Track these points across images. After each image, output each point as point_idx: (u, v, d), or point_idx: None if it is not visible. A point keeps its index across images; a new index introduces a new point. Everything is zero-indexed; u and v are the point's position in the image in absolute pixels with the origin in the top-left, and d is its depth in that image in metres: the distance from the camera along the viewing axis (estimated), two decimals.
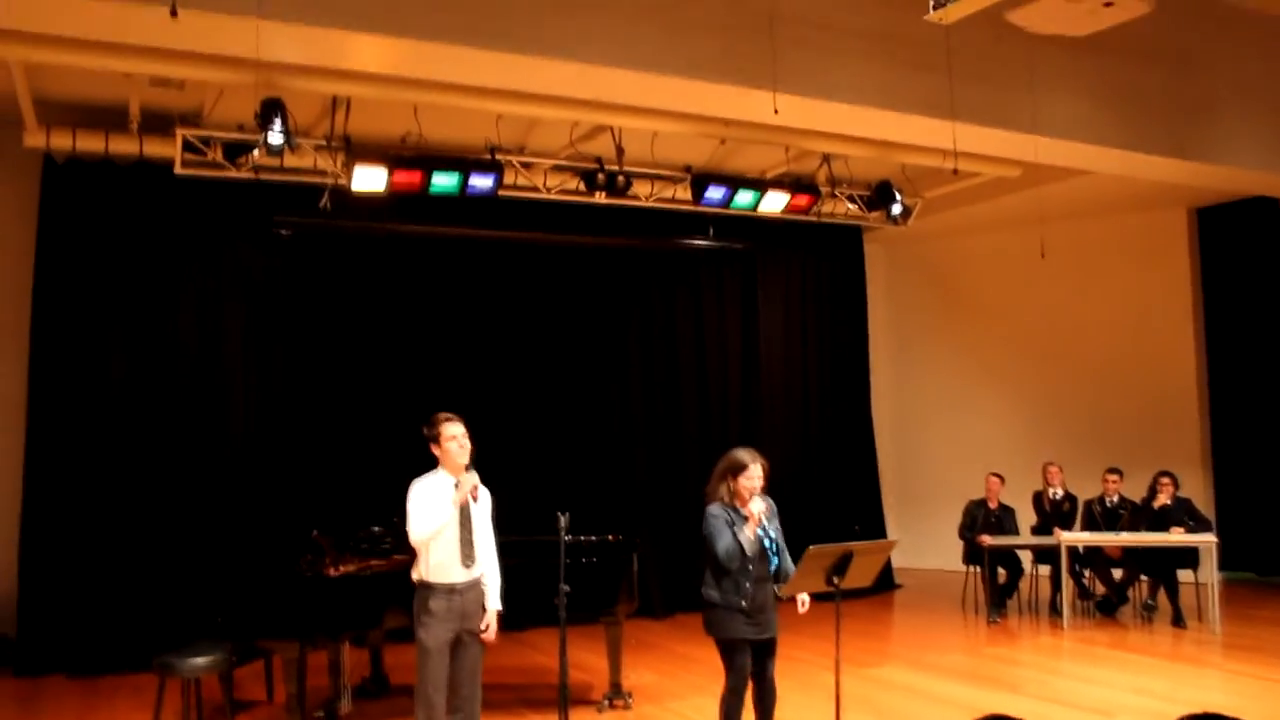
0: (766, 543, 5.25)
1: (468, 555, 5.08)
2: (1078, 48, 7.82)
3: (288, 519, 8.57)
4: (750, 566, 5.18)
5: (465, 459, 5.14)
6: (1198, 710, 1.90)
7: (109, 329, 8.59)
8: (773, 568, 5.26)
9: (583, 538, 7.32)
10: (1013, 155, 8.95)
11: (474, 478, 5.12)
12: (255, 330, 9.17)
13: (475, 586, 5.16)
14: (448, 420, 5.18)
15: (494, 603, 5.29)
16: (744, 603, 5.14)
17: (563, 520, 4.86)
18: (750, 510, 5.21)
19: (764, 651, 5.30)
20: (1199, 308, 11.78)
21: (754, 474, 5.25)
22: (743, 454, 5.32)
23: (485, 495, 5.32)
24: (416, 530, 5.03)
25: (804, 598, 5.34)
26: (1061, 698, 7.01)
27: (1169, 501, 9.49)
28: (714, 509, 5.28)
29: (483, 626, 5.21)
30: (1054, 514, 10.09)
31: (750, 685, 5.30)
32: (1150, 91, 8.57)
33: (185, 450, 8.75)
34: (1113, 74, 8.34)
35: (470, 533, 5.11)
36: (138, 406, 8.64)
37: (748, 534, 5.17)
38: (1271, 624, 9.19)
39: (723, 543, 5.15)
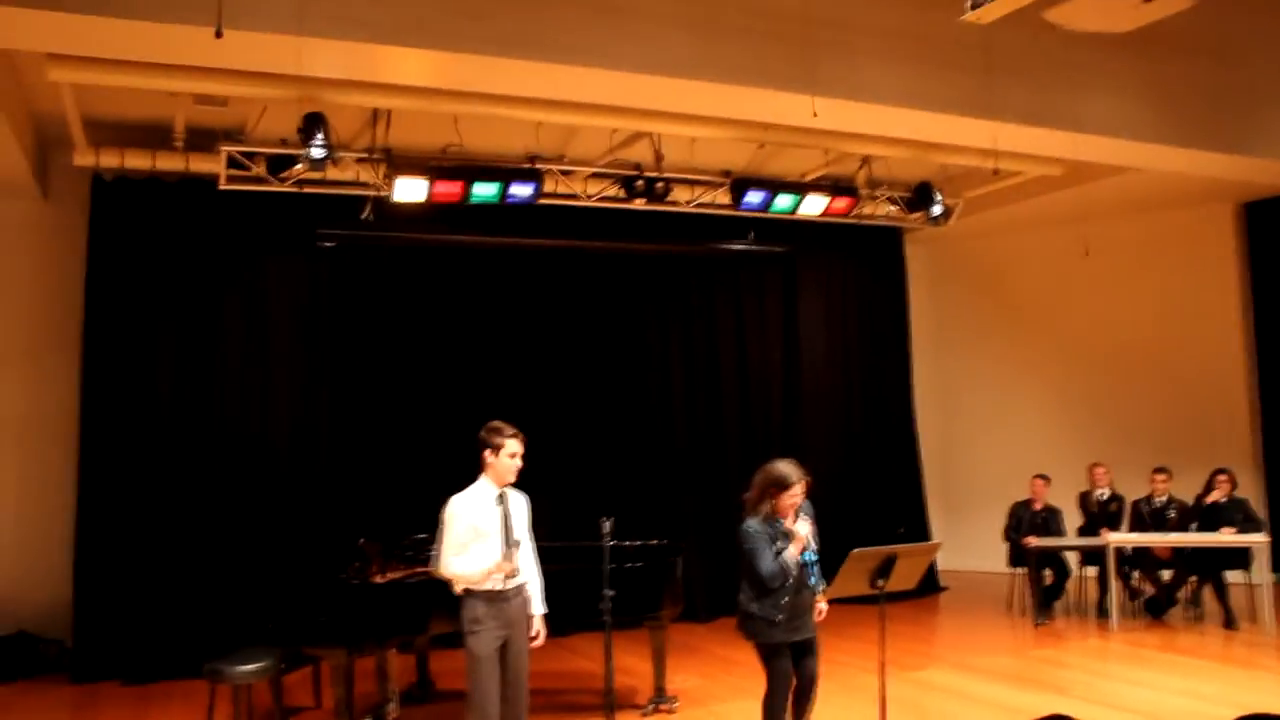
0: (807, 555, 5.19)
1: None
2: (1118, 43, 7.75)
3: (334, 527, 8.69)
4: (790, 581, 5.13)
5: (514, 478, 5.14)
6: (1250, 713, 1.89)
7: (158, 342, 8.76)
8: (811, 579, 5.22)
9: (626, 542, 7.35)
10: (1054, 154, 8.89)
11: (509, 565, 5.02)
12: (301, 340, 9.30)
13: (520, 593, 5.17)
14: (513, 436, 5.10)
15: (538, 607, 5.30)
16: (780, 616, 5.12)
17: (606, 525, 4.86)
18: (796, 530, 5.14)
19: (803, 650, 5.29)
20: (1248, 303, 11.58)
21: (797, 491, 5.16)
22: (786, 469, 5.20)
23: (523, 501, 5.31)
24: (449, 569, 4.99)
25: (821, 606, 5.31)
26: (1110, 700, 6.93)
27: (1224, 499, 9.37)
28: (754, 525, 5.18)
29: (532, 634, 5.23)
30: (1100, 515, 9.98)
31: (793, 682, 5.30)
32: (1193, 86, 8.47)
33: (233, 460, 8.89)
34: (1154, 69, 8.25)
35: (513, 553, 5.07)
36: (187, 418, 8.80)
37: (793, 552, 5.10)
38: None
39: (765, 564, 5.08)
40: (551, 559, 5.60)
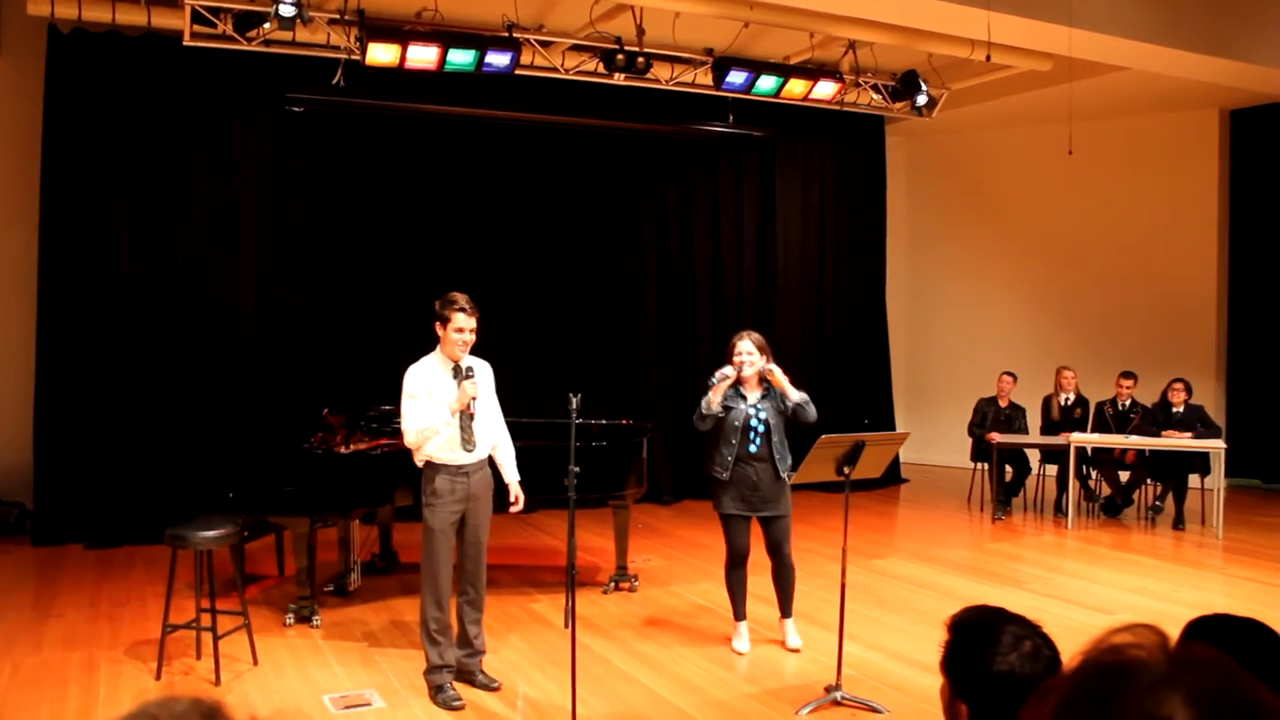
0: (754, 421, 5.47)
1: (467, 441, 5.04)
2: None
3: (299, 396, 8.62)
4: (734, 440, 5.47)
5: (464, 353, 5.04)
6: (1199, 612, 1.86)
7: (119, 205, 8.50)
8: (752, 447, 5.47)
9: (593, 421, 7.33)
10: (1045, 48, 8.71)
11: (472, 388, 4.96)
12: (266, 206, 9.07)
13: (482, 467, 5.16)
14: (461, 310, 4.99)
15: (513, 474, 5.35)
16: (724, 473, 5.46)
17: (574, 401, 4.82)
18: (717, 376, 5.54)
19: (769, 529, 5.58)
20: (1226, 212, 11.54)
21: (738, 351, 5.51)
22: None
23: (486, 370, 5.24)
24: (410, 429, 4.97)
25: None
26: (1063, 595, 7.08)
27: (1180, 408, 9.46)
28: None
29: (512, 499, 5.31)
30: (1062, 421, 10.03)
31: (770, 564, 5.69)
32: None
33: (196, 326, 8.75)
34: None
35: (470, 423, 5.05)
36: (148, 282, 8.61)
37: (710, 397, 5.49)
38: (1273, 530, 9.21)
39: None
40: (518, 435, 5.58)
